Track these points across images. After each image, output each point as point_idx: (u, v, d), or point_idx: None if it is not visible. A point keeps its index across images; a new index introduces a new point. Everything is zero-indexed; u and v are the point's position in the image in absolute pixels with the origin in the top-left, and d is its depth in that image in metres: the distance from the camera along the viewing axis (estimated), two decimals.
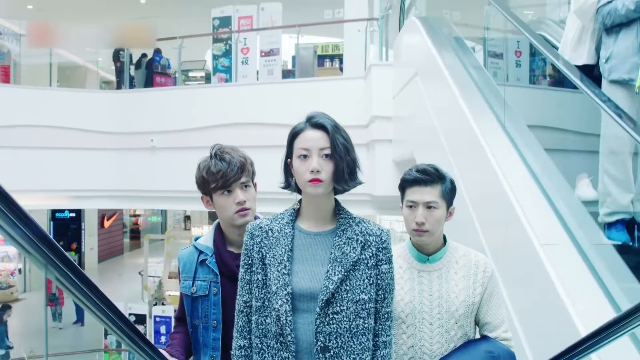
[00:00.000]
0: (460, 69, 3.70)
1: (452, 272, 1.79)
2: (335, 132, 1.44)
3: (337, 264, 1.43)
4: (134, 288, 13.62)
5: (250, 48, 7.81)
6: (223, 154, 1.81)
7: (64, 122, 7.74)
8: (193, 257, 1.85)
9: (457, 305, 1.74)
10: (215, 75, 7.98)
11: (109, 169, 7.79)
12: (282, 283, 1.43)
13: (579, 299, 1.81)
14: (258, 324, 1.46)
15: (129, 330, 1.43)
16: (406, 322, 1.76)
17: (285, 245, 1.47)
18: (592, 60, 2.99)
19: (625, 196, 2.60)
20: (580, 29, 3.06)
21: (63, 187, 7.69)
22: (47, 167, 7.55)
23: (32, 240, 0.99)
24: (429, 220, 1.74)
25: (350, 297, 1.42)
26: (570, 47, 3.12)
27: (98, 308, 1.28)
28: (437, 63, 3.76)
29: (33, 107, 7.78)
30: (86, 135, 7.75)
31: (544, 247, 2.01)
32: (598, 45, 2.95)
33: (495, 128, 3.00)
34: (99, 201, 8.24)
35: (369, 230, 1.49)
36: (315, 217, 1.50)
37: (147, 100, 8.20)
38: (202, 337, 1.79)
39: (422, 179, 1.76)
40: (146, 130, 7.65)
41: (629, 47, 2.65)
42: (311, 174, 1.41)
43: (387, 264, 1.49)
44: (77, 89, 10.66)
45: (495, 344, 1.73)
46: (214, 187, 1.78)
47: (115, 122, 7.91)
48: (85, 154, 7.78)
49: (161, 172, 7.55)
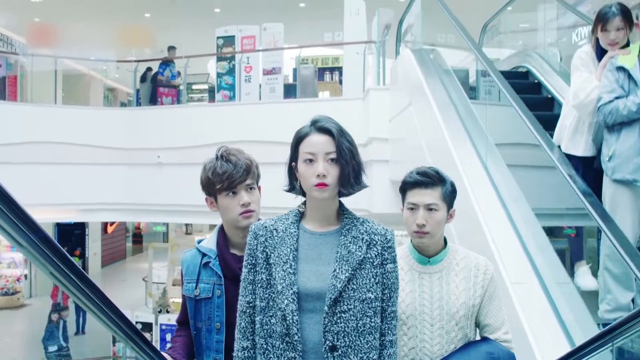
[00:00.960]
0: (447, 102, 3.99)
1: (452, 274, 1.80)
2: (340, 136, 1.45)
3: (343, 262, 1.44)
4: (138, 294, 13.84)
5: (252, 67, 8.08)
6: (229, 156, 1.81)
7: (74, 138, 8.02)
8: (196, 259, 1.85)
9: (458, 306, 1.75)
10: (220, 92, 8.26)
11: (118, 183, 8.05)
12: (288, 282, 1.42)
13: (541, 336, 2.07)
14: (263, 324, 1.45)
15: (129, 331, 1.40)
16: (407, 323, 1.78)
17: (290, 244, 1.47)
18: (589, 153, 2.97)
19: (626, 295, 2.56)
20: (577, 119, 3.04)
21: (73, 201, 7.97)
22: (57, 181, 7.82)
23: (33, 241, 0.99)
24: (430, 222, 1.75)
25: (357, 295, 1.43)
26: (567, 137, 3.09)
27: (100, 310, 1.26)
28: (428, 98, 4.06)
29: (45, 124, 8.07)
30: (95, 151, 8.03)
31: (513, 286, 2.26)
32: (595, 137, 2.94)
33: (476, 167, 3.22)
34: (107, 214, 8.52)
35: (374, 230, 1.50)
36: (320, 218, 1.51)
37: (154, 117, 8.49)
38: (205, 339, 1.79)
39: (423, 182, 1.78)
40: (153, 146, 7.93)
41: (632, 146, 2.61)
42: (317, 179, 1.42)
43: (392, 263, 1.51)
44: (87, 106, 10.93)
45: (496, 345, 1.74)
46: (219, 188, 1.78)
47: (123, 138, 8.17)
48: (94, 169, 8.05)
49: (167, 187, 7.82)
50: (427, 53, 4.82)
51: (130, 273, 17.92)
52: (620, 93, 2.69)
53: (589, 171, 2.91)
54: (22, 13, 11.88)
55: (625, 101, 2.64)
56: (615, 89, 2.71)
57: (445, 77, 4.41)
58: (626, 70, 2.70)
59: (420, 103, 4.39)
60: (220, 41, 8.33)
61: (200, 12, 11.43)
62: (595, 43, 2.98)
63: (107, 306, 1.30)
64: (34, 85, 12.67)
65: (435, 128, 3.78)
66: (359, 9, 7.50)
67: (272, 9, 11.11)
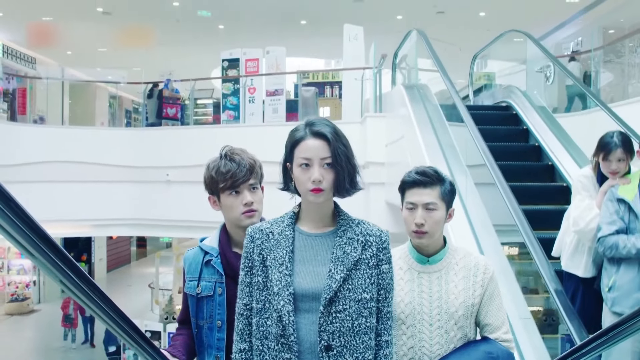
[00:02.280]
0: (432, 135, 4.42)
1: (452, 273, 1.80)
2: (336, 140, 1.44)
3: (339, 263, 1.44)
4: (144, 299, 14.18)
5: (256, 88, 8.48)
6: (233, 155, 1.83)
7: (87, 157, 8.43)
8: (198, 257, 1.85)
9: (457, 306, 1.75)
10: (225, 112, 8.66)
11: (128, 199, 8.44)
12: (284, 284, 1.43)
13: None
14: (259, 326, 1.46)
15: (128, 328, 1.40)
16: (406, 323, 1.78)
17: (286, 246, 1.47)
18: (589, 274, 2.94)
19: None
20: (577, 240, 3.01)
21: (86, 217, 8.38)
22: (71, 198, 8.22)
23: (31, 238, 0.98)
24: (428, 221, 1.75)
25: (353, 296, 1.43)
26: (567, 255, 3.07)
27: (97, 305, 1.25)
28: (416, 132, 4.49)
29: (59, 144, 8.49)
30: (107, 169, 8.43)
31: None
32: (596, 257, 2.90)
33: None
34: (119, 229, 8.94)
35: (369, 231, 1.50)
36: (315, 220, 1.51)
37: (162, 137, 8.89)
38: (206, 337, 1.79)
39: (421, 181, 1.78)
40: (162, 165, 8.31)
41: (632, 280, 2.60)
42: (313, 184, 1.43)
43: (387, 264, 1.51)
44: (99, 127, 11.35)
45: (495, 345, 1.74)
46: (222, 187, 1.79)
47: (134, 157, 8.56)
48: (106, 186, 8.44)
49: (175, 204, 8.21)
50: (418, 89, 5.23)
51: (136, 278, 18.18)
52: (620, 226, 2.68)
53: (590, 292, 2.92)
54: None
55: (626, 241, 2.63)
56: (616, 221, 2.70)
57: (431, 111, 4.83)
58: (626, 202, 2.70)
59: (410, 134, 4.81)
60: (225, 63, 8.73)
61: (204, 28, 11.85)
62: (596, 167, 2.97)
63: (106, 304, 1.28)
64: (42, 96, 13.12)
65: (420, 157, 4.21)
66: (357, 35, 7.90)
67: (274, 25, 11.52)
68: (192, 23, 11.49)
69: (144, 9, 10.96)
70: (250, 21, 11.50)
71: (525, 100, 5.33)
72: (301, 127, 1.49)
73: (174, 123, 10.06)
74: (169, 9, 10.62)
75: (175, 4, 10.40)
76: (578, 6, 10.06)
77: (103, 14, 11.17)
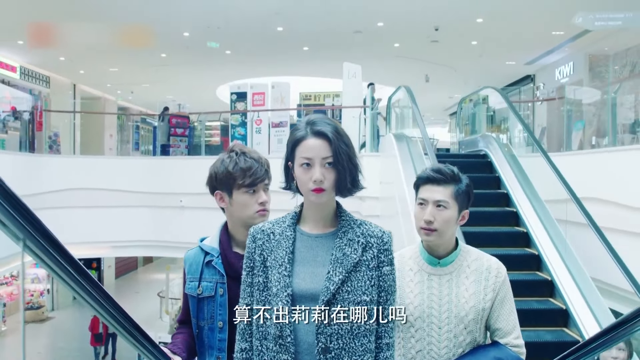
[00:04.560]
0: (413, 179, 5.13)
1: (463, 276, 1.76)
2: (337, 139, 1.43)
3: (338, 264, 1.42)
4: (152, 307, 14.76)
5: (262, 120, 9.15)
6: (250, 152, 1.80)
7: (105, 184, 9.10)
8: (199, 258, 1.83)
9: (467, 310, 1.72)
10: (233, 142, 9.33)
11: (144, 223, 9.08)
12: (282, 285, 1.42)
13: None
14: (258, 326, 1.45)
15: (128, 326, 1.39)
16: (415, 325, 1.75)
17: (286, 247, 1.46)
18: None
19: None
20: None
21: (106, 239, 9.06)
22: (92, 222, 8.89)
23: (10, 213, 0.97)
24: (438, 219, 1.72)
25: (352, 298, 1.41)
26: None
27: (90, 296, 1.24)
28: (400, 177, 5.19)
29: (81, 173, 9.18)
30: (125, 195, 9.09)
31: None
32: None
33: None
34: (135, 250, 9.62)
35: (370, 232, 1.48)
36: (316, 220, 1.50)
37: (176, 166, 9.55)
38: (207, 338, 1.77)
39: (435, 178, 1.76)
40: (176, 191, 8.97)
41: None
42: (314, 184, 1.41)
43: (389, 266, 1.48)
44: (117, 156, 11.98)
45: (505, 350, 1.70)
46: (240, 184, 1.75)
47: (149, 184, 9.21)
48: (123, 211, 9.09)
49: (188, 227, 8.80)
50: (406, 139, 5.92)
51: (143, 285, 18.75)
52: None
53: None
54: (47, 52, 12.94)
55: None
56: None
57: (416, 158, 5.51)
58: None
59: (397, 180, 5.48)
60: (233, 96, 9.40)
61: (212, 54, 12.48)
62: None
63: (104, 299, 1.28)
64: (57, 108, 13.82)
65: (403, 198, 4.85)
66: (356, 72, 8.55)
67: (278, 50, 12.16)
68: (201, 50, 12.15)
69: (155, 38, 11.61)
70: (256, 48, 12.14)
71: (499, 149, 5.96)
72: (302, 125, 1.48)
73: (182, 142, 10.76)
74: (180, 39, 11.28)
75: (185, 34, 11.05)
76: (564, 37, 10.69)
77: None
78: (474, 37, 11.18)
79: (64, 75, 15.35)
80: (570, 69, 12.60)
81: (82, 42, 11.81)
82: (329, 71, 13.46)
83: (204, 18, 9.89)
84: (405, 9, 9.30)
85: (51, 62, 13.89)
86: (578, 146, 8.18)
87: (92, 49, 12.57)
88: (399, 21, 10.01)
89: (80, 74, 15.53)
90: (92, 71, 15.04)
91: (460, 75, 15.04)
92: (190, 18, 9.81)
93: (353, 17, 9.72)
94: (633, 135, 6.74)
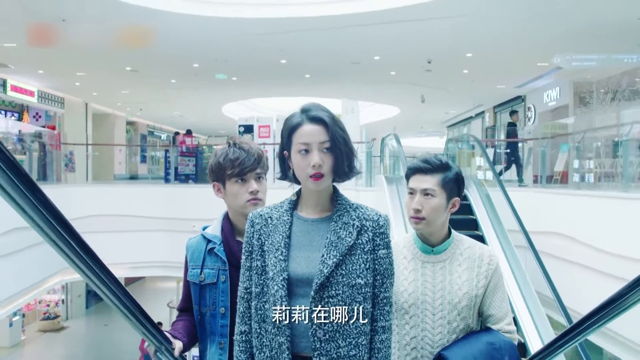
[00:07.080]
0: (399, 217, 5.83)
1: (455, 264, 1.78)
2: (333, 124, 1.44)
3: (332, 248, 1.43)
4: (162, 317, 15.36)
5: (268, 150, 9.89)
6: (242, 144, 1.84)
7: (124, 210, 9.90)
8: (201, 245, 1.84)
9: (460, 297, 1.74)
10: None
11: (160, 245, 9.80)
12: (278, 269, 1.43)
13: None
14: (257, 309, 1.46)
15: (126, 301, 1.40)
16: (409, 312, 1.77)
17: (283, 232, 1.47)
18: None
19: None
20: None
21: (124, 261, 9.79)
22: (111, 245, 9.55)
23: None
24: (425, 207, 1.75)
25: (346, 281, 1.41)
26: None
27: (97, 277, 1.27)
28: (389, 210, 5.95)
29: (103, 200, 10.05)
30: (141, 220, 9.85)
31: None
32: None
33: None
34: (151, 270, 10.37)
35: (366, 215, 1.48)
36: (313, 205, 1.50)
37: (189, 193, 10.33)
38: (209, 324, 1.79)
39: (423, 168, 1.79)
40: (189, 217, 9.68)
41: None
42: (313, 169, 1.42)
43: (385, 249, 1.48)
44: (133, 183, 12.75)
45: (497, 335, 1.73)
46: (229, 174, 1.80)
47: (164, 210, 9.97)
48: (140, 234, 9.85)
49: None
50: (396, 181, 6.68)
51: (152, 293, 19.25)
52: None
53: None
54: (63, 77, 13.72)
55: None
56: None
57: (403, 196, 6.25)
58: None
59: (385, 211, 6.23)
60: (241, 129, 10.17)
61: (219, 81, 13.26)
62: None
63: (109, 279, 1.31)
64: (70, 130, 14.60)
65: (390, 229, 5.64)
66: (353, 108, 9.31)
67: (282, 77, 12.93)
68: (209, 79, 12.92)
69: (166, 69, 12.39)
70: (261, 77, 12.92)
71: (477, 192, 6.59)
72: (297, 113, 1.49)
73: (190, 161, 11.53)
74: (190, 68, 12.06)
75: (195, 65, 11.83)
76: (548, 67, 11.44)
77: (131, 72, 12.62)
78: (464, 68, 11.95)
79: (78, 95, 16.15)
80: (557, 94, 13.34)
81: (97, 71, 12.60)
82: (328, 92, 14.25)
83: (213, 53, 10.68)
84: (399, 46, 10.07)
85: (66, 86, 14.68)
86: (564, 166, 8.92)
87: (106, 77, 13.37)
88: (393, 55, 10.79)
89: (93, 95, 16.34)
90: (104, 93, 15.85)
91: (454, 97, 15.83)
92: (200, 52, 10.59)
93: (351, 52, 10.50)
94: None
